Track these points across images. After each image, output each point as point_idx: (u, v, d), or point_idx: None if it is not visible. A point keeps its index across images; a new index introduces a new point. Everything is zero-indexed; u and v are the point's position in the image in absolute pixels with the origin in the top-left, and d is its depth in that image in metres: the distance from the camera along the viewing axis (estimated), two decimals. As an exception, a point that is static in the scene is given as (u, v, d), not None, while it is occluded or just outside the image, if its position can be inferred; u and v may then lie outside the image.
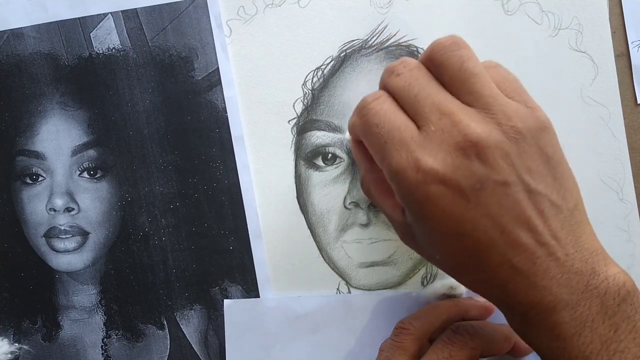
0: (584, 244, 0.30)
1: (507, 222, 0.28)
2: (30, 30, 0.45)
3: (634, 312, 0.28)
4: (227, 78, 0.44)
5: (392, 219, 0.35)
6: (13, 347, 0.46)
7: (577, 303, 0.28)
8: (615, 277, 0.29)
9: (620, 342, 0.28)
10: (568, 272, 0.28)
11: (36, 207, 0.45)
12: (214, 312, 0.44)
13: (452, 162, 0.28)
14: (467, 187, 0.28)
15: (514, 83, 0.32)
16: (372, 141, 0.31)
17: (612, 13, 0.42)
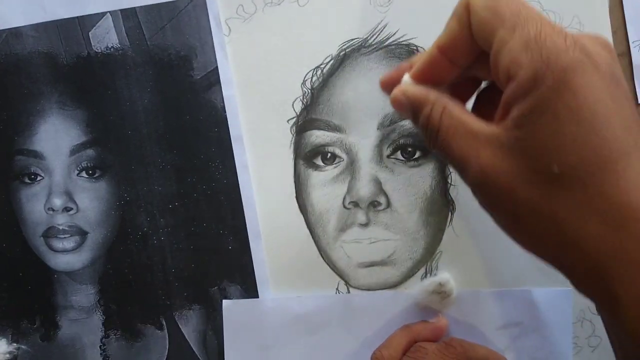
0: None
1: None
2: (29, 29, 0.45)
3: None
4: (226, 77, 0.44)
5: (474, 146, 0.27)
6: (11, 347, 0.45)
7: None
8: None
9: None
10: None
11: (34, 207, 0.45)
12: (213, 312, 0.44)
13: (594, 44, 0.25)
14: (609, 72, 0.25)
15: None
16: (502, 11, 0.26)
17: (612, 12, 0.42)
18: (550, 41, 0.24)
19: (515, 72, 0.25)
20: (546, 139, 0.25)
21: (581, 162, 0.24)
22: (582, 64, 0.24)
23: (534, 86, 0.25)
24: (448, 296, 0.42)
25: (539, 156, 0.25)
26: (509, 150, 0.26)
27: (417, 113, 0.30)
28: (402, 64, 0.32)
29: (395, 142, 0.43)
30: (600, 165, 0.24)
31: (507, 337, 0.41)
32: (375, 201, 0.43)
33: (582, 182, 0.24)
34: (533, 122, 0.25)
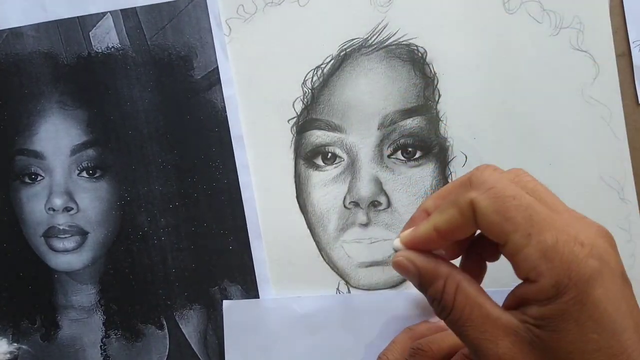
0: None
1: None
2: (29, 29, 0.45)
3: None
4: (227, 77, 0.44)
5: (497, 329, 0.27)
6: (12, 347, 0.46)
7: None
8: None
9: None
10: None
11: (35, 207, 0.45)
12: (214, 312, 0.44)
13: (602, 245, 0.26)
14: (620, 273, 0.26)
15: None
16: (512, 216, 0.26)
17: (613, 12, 0.42)
18: (569, 251, 0.25)
19: (535, 278, 0.26)
20: (569, 344, 0.25)
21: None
22: (601, 273, 0.25)
23: (556, 295, 0.25)
24: (448, 296, 0.42)
25: (562, 358, 0.26)
26: (530, 345, 0.26)
27: (426, 285, 0.30)
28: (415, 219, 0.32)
29: (395, 142, 0.43)
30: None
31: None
32: (375, 201, 0.43)
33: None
34: (556, 326, 0.26)
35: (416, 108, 0.43)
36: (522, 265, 0.26)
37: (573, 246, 0.25)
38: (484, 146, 0.42)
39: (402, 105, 0.43)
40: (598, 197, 0.42)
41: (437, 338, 0.39)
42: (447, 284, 0.29)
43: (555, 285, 0.25)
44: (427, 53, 0.43)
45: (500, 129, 0.42)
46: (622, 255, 0.42)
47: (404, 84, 0.43)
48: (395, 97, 0.43)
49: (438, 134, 0.43)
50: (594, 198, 0.42)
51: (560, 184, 0.42)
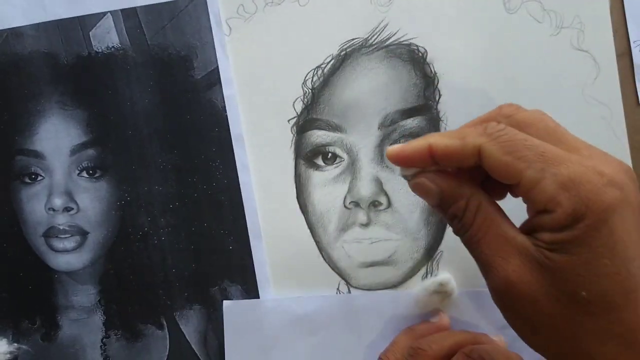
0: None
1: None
2: (29, 29, 0.45)
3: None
4: (227, 77, 0.44)
5: (505, 251, 0.28)
6: (12, 347, 0.45)
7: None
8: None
9: None
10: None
11: (35, 207, 0.45)
12: (214, 312, 0.44)
13: (622, 176, 0.26)
14: (635, 202, 0.26)
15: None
16: (524, 155, 0.27)
17: (613, 12, 0.42)
18: (587, 180, 0.25)
19: (552, 208, 0.26)
20: (579, 267, 0.26)
21: (609, 291, 0.26)
22: (619, 203, 0.25)
23: (572, 223, 0.26)
24: (449, 296, 0.42)
25: (570, 280, 0.26)
26: (540, 266, 0.27)
27: (447, 203, 0.30)
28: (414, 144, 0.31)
29: (396, 141, 0.43)
30: (625, 295, 0.26)
31: (508, 337, 0.41)
32: (376, 201, 0.43)
33: (605, 309, 0.26)
34: (568, 250, 0.26)
35: (417, 108, 0.43)
36: (539, 198, 0.26)
37: (591, 175, 0.26)
38: (484, 146, 0.42)
39: (403, 105, 0.43)
40: (598, 197, 0.42)
41: (437, 338, 0.39)
42: (470, 202, 0.29)
43: (572, 214, 0.26)
44: (427, 53, 0.43)
45: (500, 128, 0.42)
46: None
47: (404, 83, 0.43)
48: (396, 97, 0.43)
49: (438, 133, 0.43)
50: (594, 198, 0.42)
51: (561, 184, 0.42)
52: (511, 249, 0.27)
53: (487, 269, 0.28)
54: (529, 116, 0.29)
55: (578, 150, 0.27)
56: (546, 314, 0.27)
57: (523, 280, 0.27)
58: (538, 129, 0.28)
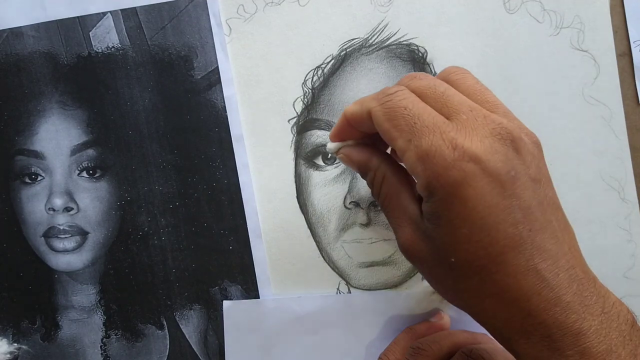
0: (587, 268, 0.29)
1: (536, 221, 0.27)
2: (29, 29, 0.45)
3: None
4: (227, 77, 0.44)
5: (404, 217, 0.31)
6: (12, 347, 0.45)
7: (599, 326, 0.26)
8: (619, 303, 0.28)
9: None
10: (586, 290, 0.27)
11: (35, 207, 0.45)
12: (214, 312, 0.44)
13: (489, 145, 0.28)
14: (503, 173, 0.27)
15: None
16: (398, 124, 0.29)
17: (613, 12, 0.42)
18: (439, 156, 0.28)
19: (415, 177, 0.29)
20: (444, 236, 0.29)
21: (474, 257, 0.28)
22: (470, 176, 0.27)
23: (429, 194, 0.29)
24: (449, 296, 0.42)
25: (441, 248, 0.29)
26: (423, 234, 0.30)
27: (363, 175, 0.34)
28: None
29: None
30: (491, 259, 0.27)
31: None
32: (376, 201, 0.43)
33: (476, 271, 0.28)
34: (433, 220, 0.29)
35: (416, 108, 0.43)
36: (407, 166, 0.29)
37: (444, 150, 0.27)
38: (484, 146, 0.42)
39: (403, 105, 0.43)
40: (598, 197, 0.42)
41: (437, 337, 0.39)
42: (377, 174, 0.33)
43: (426, 186, 0.28)
44: (427, 53, 0.43)
45: (500, 128, 0.42)
46: (622, 256, 0.42)
47: (404, 83, 0.43)
48: (396, 97, 0.43)
49: (438, 133, 0.43)
50: (594, 198, 0.42)
51: (561, 184, 0.42)
52: (406, 218, 0.31)
53: (394, 230, 0.32)
54: (416, 85, 0.31)
55: (458, 114, 0.29)
56: (435, 274, 0.31)
57: (414, 247, 0.30)
58: (459, 87, 0.31)
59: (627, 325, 0.27)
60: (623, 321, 0.27)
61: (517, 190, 0.27)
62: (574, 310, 0.27)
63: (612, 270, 0.42)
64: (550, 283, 0.27)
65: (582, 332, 0.26)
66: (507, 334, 0.28)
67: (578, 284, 0.27)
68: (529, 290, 0.27)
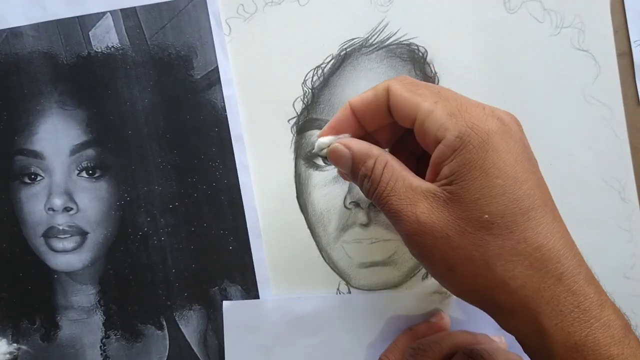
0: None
1: (547, 191, 0.30)
2: (29, 29, 0.45)
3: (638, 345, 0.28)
4: (227, 77, 0.44)
5: (417, 194, 0.30)
6: (12, 347, 0.45)
7: (610, 302, 0.28)
8: (618, 309, 0.29)
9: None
10: (589, 271, 0.29)
11: (35, 207, 0.45)
12: (214, 312, 0.44)
13: (503, 114, 0.30)
14: (524, 139, 0.30)
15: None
16: (422, 92, 0.31)
17: (614, 12, 0.42)
18: (471, 110, 0.29)
19: (442, 134, 0.29)
20: (477, 190, 0.28)
21: (508, 211, 0.28)
22: (501, 130, 0.28)
23: (461, 145, 0.28)
24: (449, 296, 0.42)
25: (472, 206, 0.28)
26: (444, 202, 0.29)
27: (358, 165, 0.32)
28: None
29: (396, 141, 0.43)
30: (523, 215, 0.28)
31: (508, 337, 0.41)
32: (376, 201, 0.43)
33: (508, 228, 0.28)
34: (464, 176, 0.28)
35: (417, 108, 0.43)
36: (431, 126, 0.29)
37: (475, 108, 0.29)
38: (484, 146, 0.42)
39: (403, 105, 0.43)
40: (599, 197, 0.42)
41: (437, 338, 0.39)
42: (378, 161, 0.32)
43: (459, 136, 0.28)
44: (427, 53, 0.43)
45: (500, 128, 0.42)
46: (623, 255, 0.42)
47: (404, 83, 0.43)
48: (396, 96, 0.43)
49: (438, 133, 0.43)
50: (594, 198, 0.42)
51: (561, 184, 0.42)
52: (418, 195, 0.30)
53: (398, 217, 0.30)
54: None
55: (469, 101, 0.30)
56: (457, 246, 0.29)
57: (432, 219, 0.29)
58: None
59: (632, 334, 0.28)
60: (625, 329, 0.28)
61: (534, 160, 0.30)
62: (591, 282, 0.28)
63: (612, 270, 0.42)
64: (573, 248, 0.28)
65: (603, 303, 0.27)
66: (536, 306, 0.28)
67: (585, 265, 0.29)
68: (560, 250, 0.28)
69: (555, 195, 0.28)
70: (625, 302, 0.42)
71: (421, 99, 0.30)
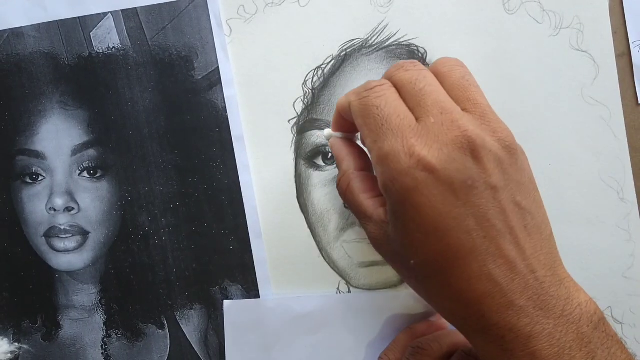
0: (558, 270, 0.29)
1: (492, 228, 0.28)
2: (30, 29, 0.45)
3: (607, 339, 0.28)
4: (227, 77, 0.44)
5: (368, 218, 0.33)
6: (13, 346, 0.46)
7: (554, 329, 0.27)
8: (587, 303, 0.28)
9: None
10: (545, 294, 0.28)
11: (36, 207, 0.45)
12: (214, 311, 0.44)
13: (447, 154, 0.28)
14: (457, 182, 0.28)
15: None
16: (369, 122, 0.31)
17: (613, 12, 0.42)
18: (396, 161, 0.29)
19: (377, 176, 0.31)
20: (402, 239, 0.30)
21: (430, 261, 0.29)
22: (422, 184, 0.28)
23: (386, 194, 0.30)
24: (449, 296, 0.42)
25: (400, 250, 0.30)
26: (385, 234, 0.32)
27: (337, 166, 0.37)
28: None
29: (396, 142, 0.43)
30: (446, 264, 0.28)
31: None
32: (376, 201, 0.43)
33: (433, 274, 0.29)
34: (393, 222, 0.30)
35: (416, 108, 0.43)
36: (373, 164, 0.31)
37: (401, 156, 0.29)
38: (484, 146, 0.42)
39: (403, 105, 0.43)
40: (597, 197, 0.42)
41: (437, 337, 0.39)
42: (342, 179, 0.35)
43: (384, 187, 0.30)
44: (427, 53, 0.43)
45: (500, 129, 0.42)
46: (621, 255, 0.42)
47: (404, 84, 0.43)
48: (396, 97, 0.43)
49: (438, 134, 0.43)
50: (593, 198, 0.42)
51: (560, 184, 0.42)
52: (368, 217, 0.33)
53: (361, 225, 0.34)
54: (398, 78, 0.32)
55: (426, 118, 0.30)
56: (400, 271, 0.33)
57: (380, 243, 0.32)
58: (445, 81, 0.32)
59: (589, 327, 0.28)
60: (585, 323, 0.28)
61: (472, 198, 0.28)
62: (527, 314, 0.27)
63: (611, 269, 0.42)
64: (503, 288, 0.28)
65: (533, 335, 0.27)
66: (466, 332, 0.30)
67: (537, 288, 0.28)
68: (482, 294, 0.28)
69: (553, 195, 0.28)
70: (623, 302, 0.42)
71: (367, 132, 0.31)
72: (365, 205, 0.33)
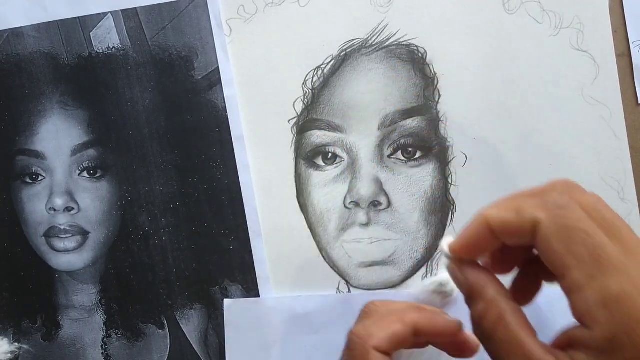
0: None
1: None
2: (30, 29, 0.45)
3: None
4: (227, 77, 0.44)
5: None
6: (13, 346, 0.46)
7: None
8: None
9: None
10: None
11: (36, 207, 0.45)
12: (214, 311, 0.44)
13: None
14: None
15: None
16: (577, 250, 0.24)
17: (613, 12, 0.42)
18: (633, 305, 0.22)
19: (589, 325, 0.23)
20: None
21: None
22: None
23: (609, 350, 0.23)
24: (449, 296, 0.42)
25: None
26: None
27: (469, 301, 0.28)
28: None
29: (395, 142, 0.43)
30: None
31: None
32: (375, 201, 0.43)
33: None
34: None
35: (416, 108, 0.43)
36: (578, 306, 0.24)
37: (638, 299, 0.22)
38: (484, 146, 0.42)
39: (402, 105, 0.43)
40: (598, 197, 0.42)
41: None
42: (490, 311, 0.26)
43: (609, 339, 0.23)
44: (427, 53, 0.43)
45: (500, 129, 0.42)
46: (622, 255, 0.42)
47: (404, 84, 0.43)
48: (396, 97, 0.43)
49: (438, 134, 0.43)
50: (593, 198, 0.42)
51: (560, 184, 0.42)
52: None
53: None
54: (584, 201, 0.25)
55: (634, 255, 0.24)
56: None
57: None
58: (593, 219, 0.25)
59: None
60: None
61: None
62: None
63: (611, 270, 0.42)
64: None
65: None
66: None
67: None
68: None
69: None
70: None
71: (574, 263, 0.24)
72: (536, 354, 0.24)
